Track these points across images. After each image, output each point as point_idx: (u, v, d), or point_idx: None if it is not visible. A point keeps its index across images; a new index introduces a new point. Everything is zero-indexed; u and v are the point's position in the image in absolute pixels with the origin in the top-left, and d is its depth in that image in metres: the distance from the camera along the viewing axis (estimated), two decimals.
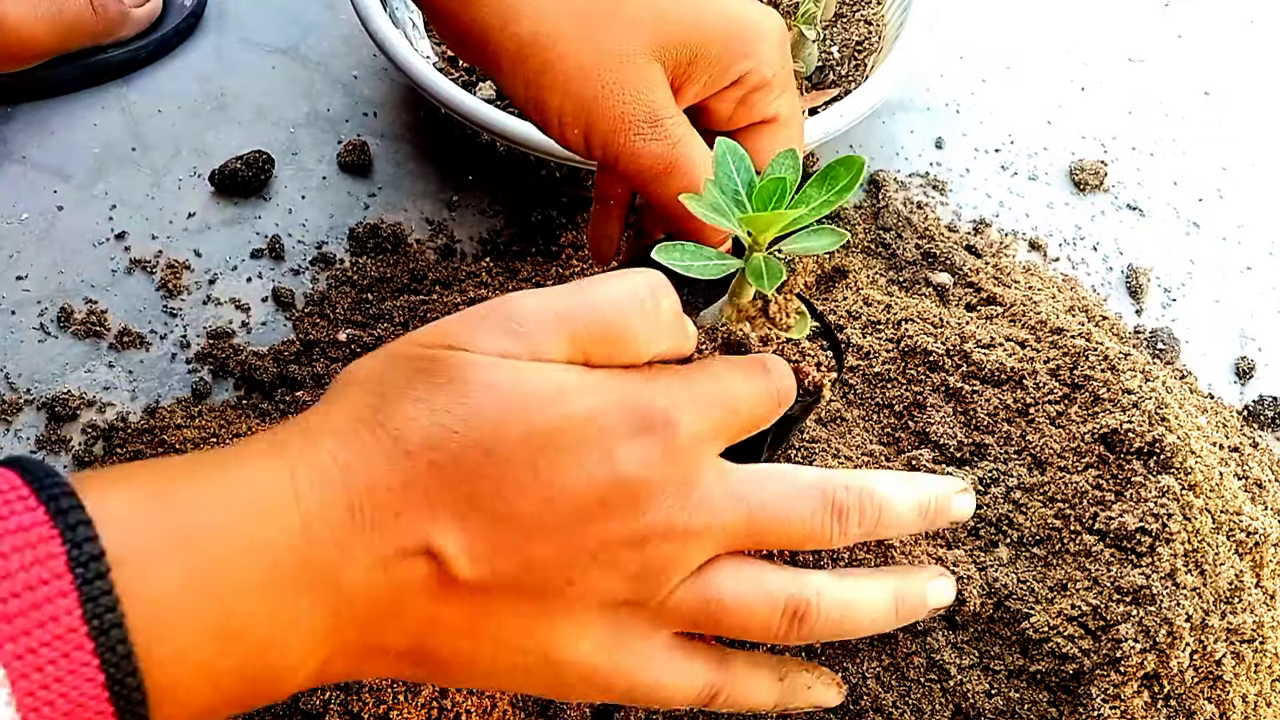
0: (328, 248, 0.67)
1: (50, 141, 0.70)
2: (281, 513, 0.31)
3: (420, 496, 0.32)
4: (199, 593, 0.29)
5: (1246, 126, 0.80)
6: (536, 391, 0.33)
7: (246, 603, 0.30)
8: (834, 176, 0.37)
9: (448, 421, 0.32)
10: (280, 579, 0.30)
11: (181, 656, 0.29)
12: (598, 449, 0.33)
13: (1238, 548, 0.51)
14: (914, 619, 0.39)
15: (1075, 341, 0.57)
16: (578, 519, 0.33)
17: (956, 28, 0.83)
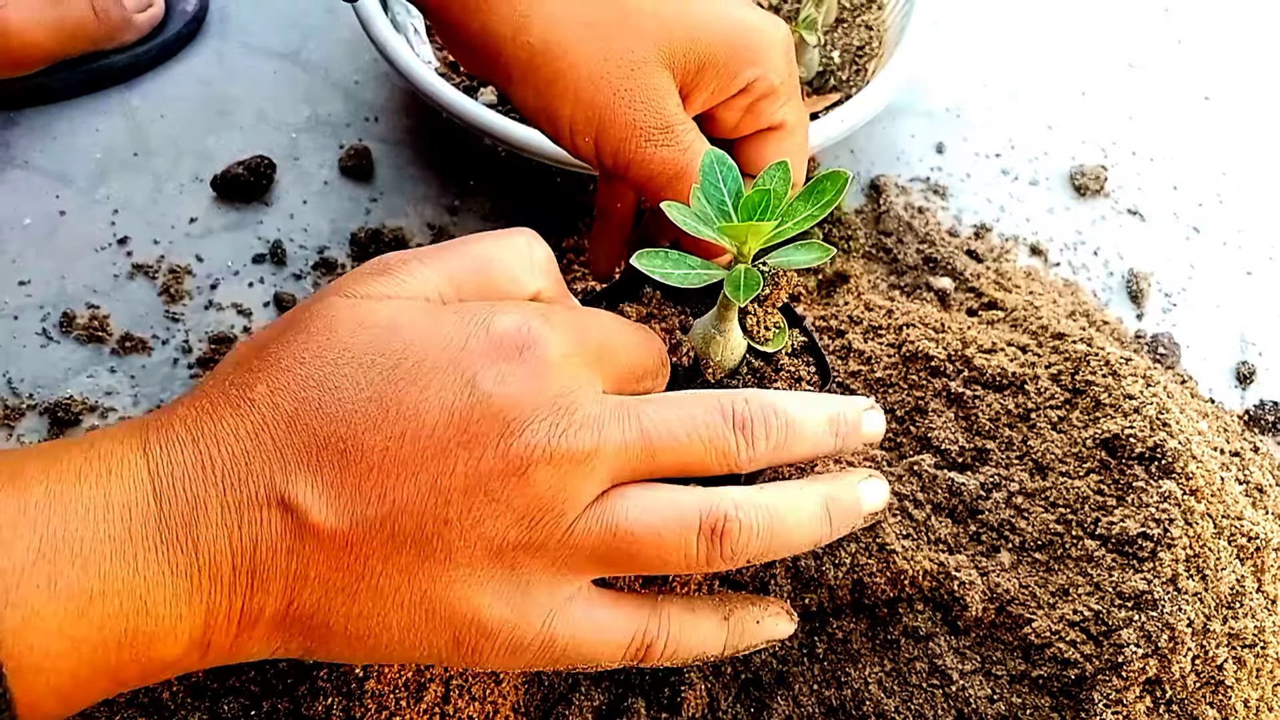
0: (329, 252, 0.67)
1: (53, 146, 0.70)
2: (132, 475, 0.30)
3: (268, 444, 0.31)
4: (51, 557, 0.29)
5: (1246, 131, 0.80)
6: (382, 318, 0.32)
7: (101, 564, 0.29)
8: (820, 190, 0.37)
9: (291, 364, 0.31)
10: (135, 539, 0.30)
11: (35, 619, 0.28)
12: (453, 373, 0.31)
13: (1239, 553, 0.52)
14: (850, 526, 0.37)
15: (1076, 346, 0.57)
16: (439, 450, 0.31)
17: (957, 33, 0.83)
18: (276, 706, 0.48)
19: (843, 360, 0.59)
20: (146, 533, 0.30)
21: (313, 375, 0.31)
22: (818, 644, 0.51)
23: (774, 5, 0.75)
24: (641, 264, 0.36)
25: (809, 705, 0.50)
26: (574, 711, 0.48)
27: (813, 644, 0.51)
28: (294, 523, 0.31)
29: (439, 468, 0.31)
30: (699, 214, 0.38)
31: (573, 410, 0.32)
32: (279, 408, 0.31)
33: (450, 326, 0.32)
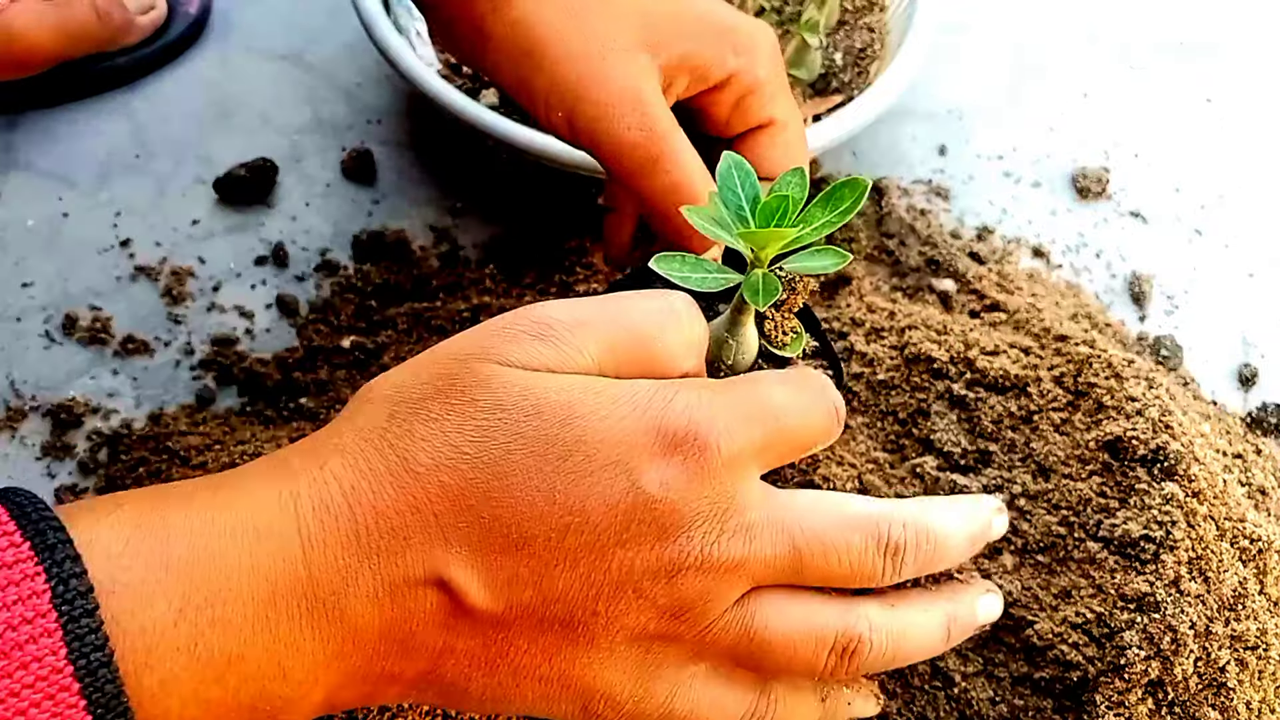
0: (331, 255, 0.67)
1: (55, 149, 0.70)
2: (281, 537, 0.30)
3: (430, 521, 0.30)
4: (192, 620, 0.28)
5: (1248, 134, 0.80)
6: (555, 405, 0.31)
7: (242, 630, 0.29)
8: (839, 198, 0.37)
9: (458, 441, 0.31)
10: (280, 605, 0.29)
11: (173, 683, 0.28)
12: (620, 470, 0.31)
13: (1241, 555, 0.51)
14: (963, 639, 0.38)
15: (1079, 349, 0.57)
16: (599, 547, 0.31)
17: (959, 35, 0.83)
18: None
19: (845, 362, 0.59)
20: (292, 600, 0.30)
21: (482, 458, 0.31)
22: None
23: (775, 7, 0.75)
24: (660, 267, 0.37)
25: None
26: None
27: None
28: (449, 602, 0.31)
29: (596, 563, 0.31)
30: (717, 219, 0.37)
31: (728, 518, 0.32)
32: (445, 486, 0.30)
33: (621, 419, 0.31)
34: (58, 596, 0.26)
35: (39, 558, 0.27)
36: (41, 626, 0.26)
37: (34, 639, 0.26)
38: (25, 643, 0.26)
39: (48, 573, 0.26)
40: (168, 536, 0.29)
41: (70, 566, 0.27)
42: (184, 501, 0.30)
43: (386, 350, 0.62)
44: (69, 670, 0.26)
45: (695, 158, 0.45)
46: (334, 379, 0.61)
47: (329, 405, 0.60)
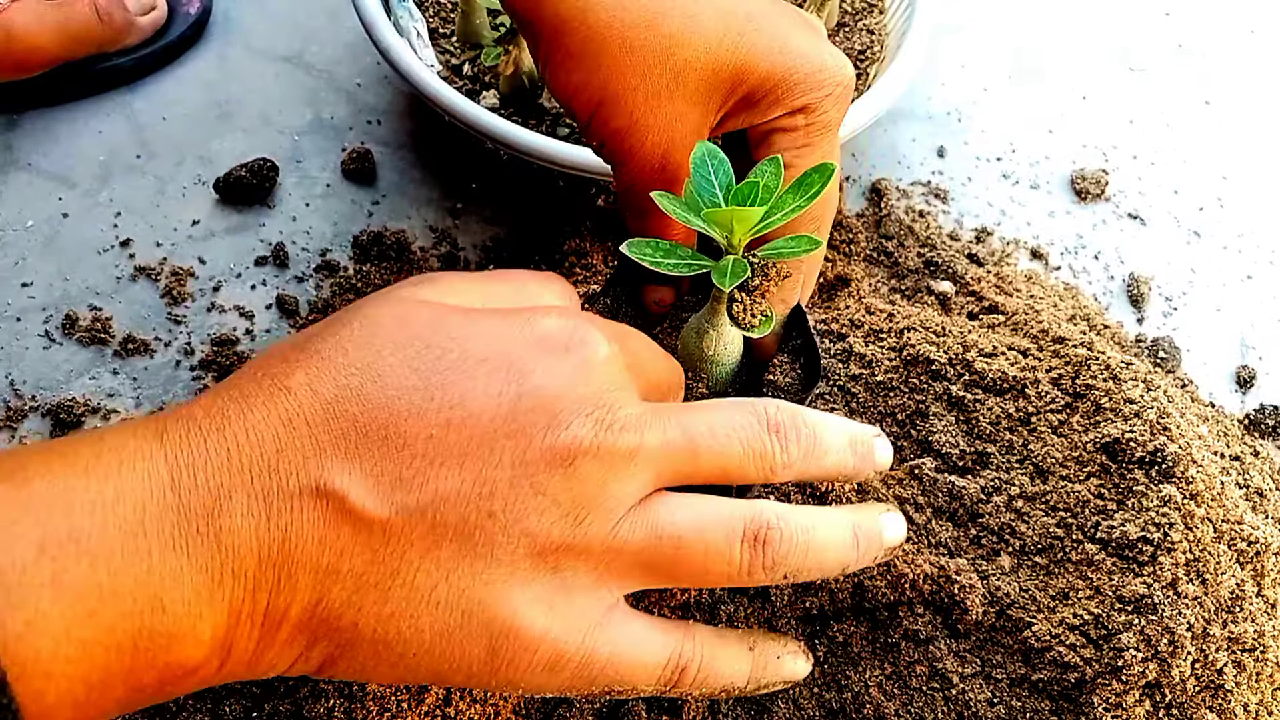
0: (331, 255, 0.67)
1: (56, 149, 0.70)
2: (146, 465, 0.28)
3: (304, 431, 0.29)
4: (55, 554, 0.27)
5: (1247, 135, 0.80)
6: (426, 317, 0.31)
7: (111, 560, 0.27)
8: (808, 183, 0.38)
9: (331, 354, 0.30)
10: (150, 531, 0.28)
11: (41, 621, 0.26)
12: (500, 363, 0.31)
13: (1239, 557, 0.52)
14: (873, 557, 0.37)
15: (1077, 351, 0.57)
16: (486, 439, 0.30)
17: (958, 37, 0.83)
18: (278, 708, 0.48)
19: (844, 364, 0.59)
20: (163, 526, 0.28)
21: (355, 363, 0.30)
22: (818, 647, 0.51)
23: None
24: (631, 252, 0.37)
25: (809, 708, 0.50)
26: (574, 714, 0.48)
27: (813, 647, 0.51)
28: (329, 511, 0.29)
29: (485, 457, 0.30)
30: (687, 202, 0.38)
31: (617, 408, 0.31)
32: (317, 394, 0.30)
33: (496, 324, 0.32)
34: None
35: None
36: None
37: None
38: None
39: None
40: (26, 479, 0.28)
41: None
42: (45, 450, 0.29)
43: None
44: None
45: None
46: None
47: None
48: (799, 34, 0.44)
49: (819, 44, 0.44)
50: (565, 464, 0.30)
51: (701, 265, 0.38)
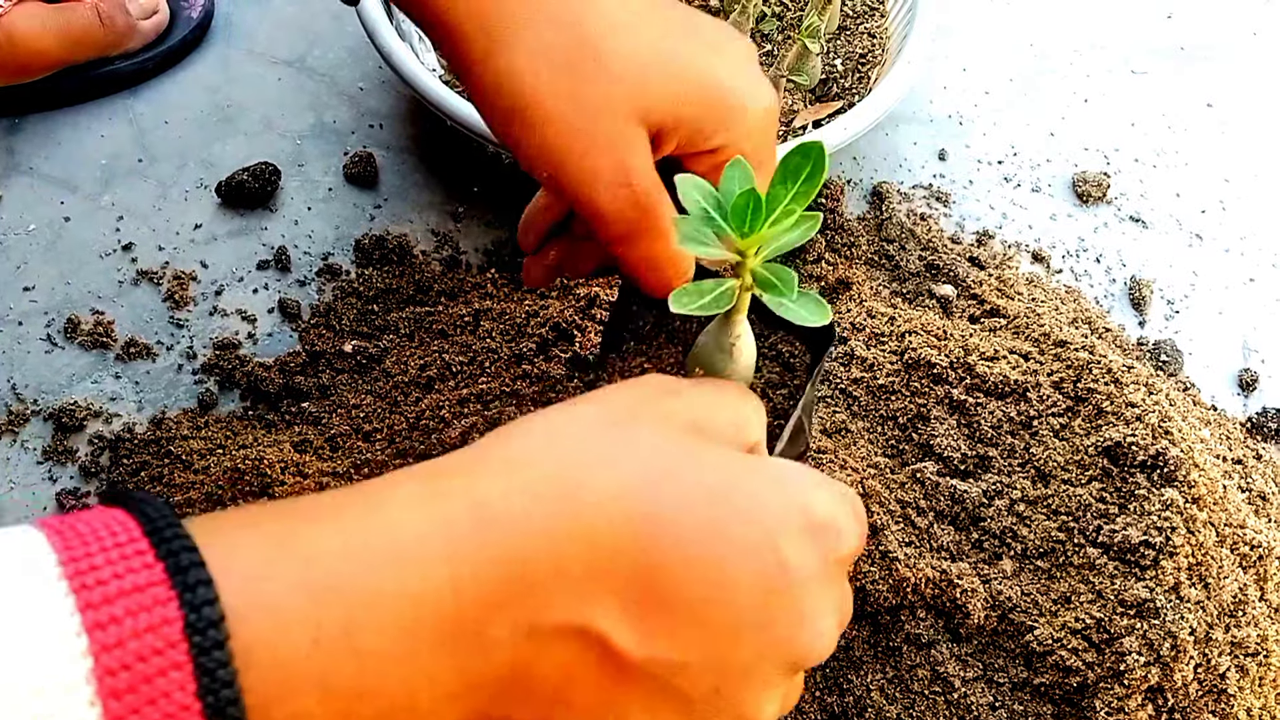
0: (333, 259, 0.67)
1: (58, 153, 0.70)
2: (429, 564, 0.28)
3: (590, 565, 0.30)
4: (328, 650, 0.27)
5: (1249, 138, 0.80)
6: (717, 464, 0.32)
7: (381, 662, 0.28)
8: (794, 167, 0.37)
9: (632, 490, 0.31)
10: (422, 633, 0.28)
11: (303, 718, 0.27)
12: (769, 548, 0.32)
13: (1241, 561, 0.52)
14: None
15: (1078, 354, 0.57)
16: (736, 625, 0.31)
17: (959, 40, 0.83)
18: None
19: (845, 367, 0.59)
20: (437, 628, 0.28)
21: (652, 499, 0.30)
22: None
23: (777, 13, 0.75)
24: (680, 308, 0.37)
25: (811, 712, 0.50)
26: None
27: None
28: (585, 648, 0.30)
29: (730, 639, 0.31)
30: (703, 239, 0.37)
31: (842, 609, 0.34)
32: (612, 525, 0.30)
33: (775, 496, 0.32)
34: (189, 626, 0.25)
35: (172, 582, 0.25)
36: (171, 659, 0.25)
37: (163, 672, 0.25)
38: (154, 675, 0.25)
39: (180, 599, 0.25)
40: (309, 558, 0.28)
41: (203, 593, 0.25)
42: (322, 518, 0.29)
43: (388, 354, 0.62)
44: (196, 707, 0.25)
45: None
46: (336, 383, 0.61)
47: (331, 409, 0.60)
48: (716, 69, 0.44)
49: (735, 78, 0.44)
50: (793, 670, 0.33)
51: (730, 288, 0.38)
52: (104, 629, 0.24)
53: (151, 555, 0.26)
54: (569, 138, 0.42)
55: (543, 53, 0.42)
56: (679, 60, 0.43)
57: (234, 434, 0.59)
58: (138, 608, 0.25)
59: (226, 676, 0.25)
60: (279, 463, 0.55)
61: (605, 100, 0.42)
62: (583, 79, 0.42)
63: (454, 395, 0.58)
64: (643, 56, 0.43)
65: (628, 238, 0.43)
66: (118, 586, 0.25)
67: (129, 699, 0.24)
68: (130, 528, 0.26)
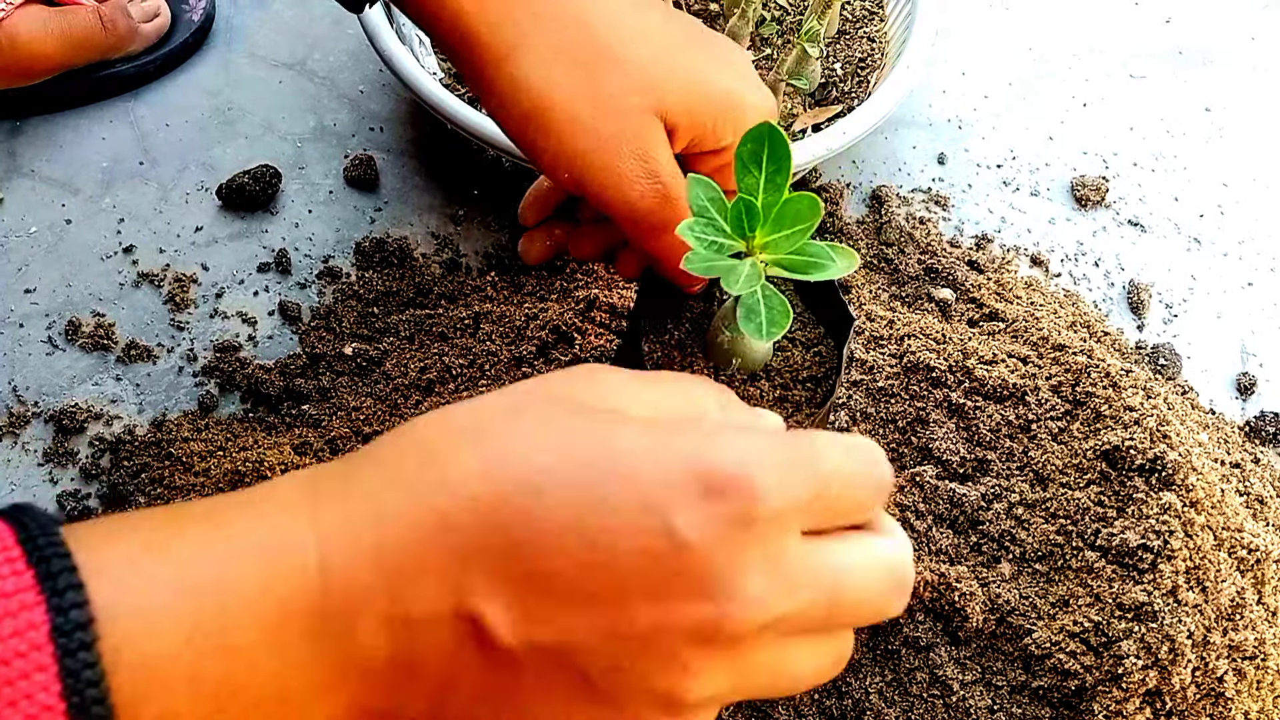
0: (334, 262, 0.67)
1: (59, 155, 0.70)
2: (298, 552, 0.29)
3: (456, 543, 0.29)
4: (198, 648, 0.27)
5: (1247, 143, 0.80)
6: (594, 436, 0.30)
7: (250, 655, 0.28)
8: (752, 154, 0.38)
9: (499, 453, 0.29)
10: (290, 626, 0.28)
11: (172, 717, 0.27)
12: (653, 514, 0.28)
13: (1239, 565, 0.52)
14: None
15: (1077, 358, 0.58)
16: (624, 595, 0.28)
17: (958, 44, 0.84)
18: None
19: (844, 371, 0.60)
20: (304, 622, 0.28)
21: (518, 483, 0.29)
22: None
23: (776, 17, 0.75)
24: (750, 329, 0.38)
25: (810, 715, 0.50)
26: None
27: None
28: (462, 631, 0.29)
29: (619, 614, 0.29)
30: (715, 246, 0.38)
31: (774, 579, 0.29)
32: (477, 502, 0.29)
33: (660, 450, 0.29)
34: (56, 629, 0.25)
35: (41, 587, 0.26)
36: (36, 661, 0.25)
37: (26, 674, 0.25)
38: (17, 678, 0.25)
39: (48, 604, 0.26)
40: (181, 559, 0.28)
41: (72, 596, 0.26)
42: (198, 519, 0.29)
43: (389, 357, 0.62)
44: (61, 708, 0.25)
45: None
46: (336, 386, 0.61)
47: (331, 412, 0.60)
48: (722, 74, 0.45)
49: (740, 82, 0.46)
50: (705, 642, 0.29)
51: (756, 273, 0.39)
52: None
53: (22, 562, 0.26)
54: (591, 138, 0.43)
55: (557, 56, 0.43)
56: (688, 65, 0.45)
57: (234, 436, 0.59)
58: (3, 613, 0.25)
59: (92, 677, 0.26)
60: (279, 465, 0.55)
61: (624, 99, 0.43)
62: (600, 79, 0.43)
63: (454, 398, 0.58)
64: (655, 60, 0.44)
65: (657, 230, 0.44)
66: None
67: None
68: (4, 536, 0.27)
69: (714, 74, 0.45)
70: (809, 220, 0.37)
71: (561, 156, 0.43)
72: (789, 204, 0.38)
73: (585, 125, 0.42)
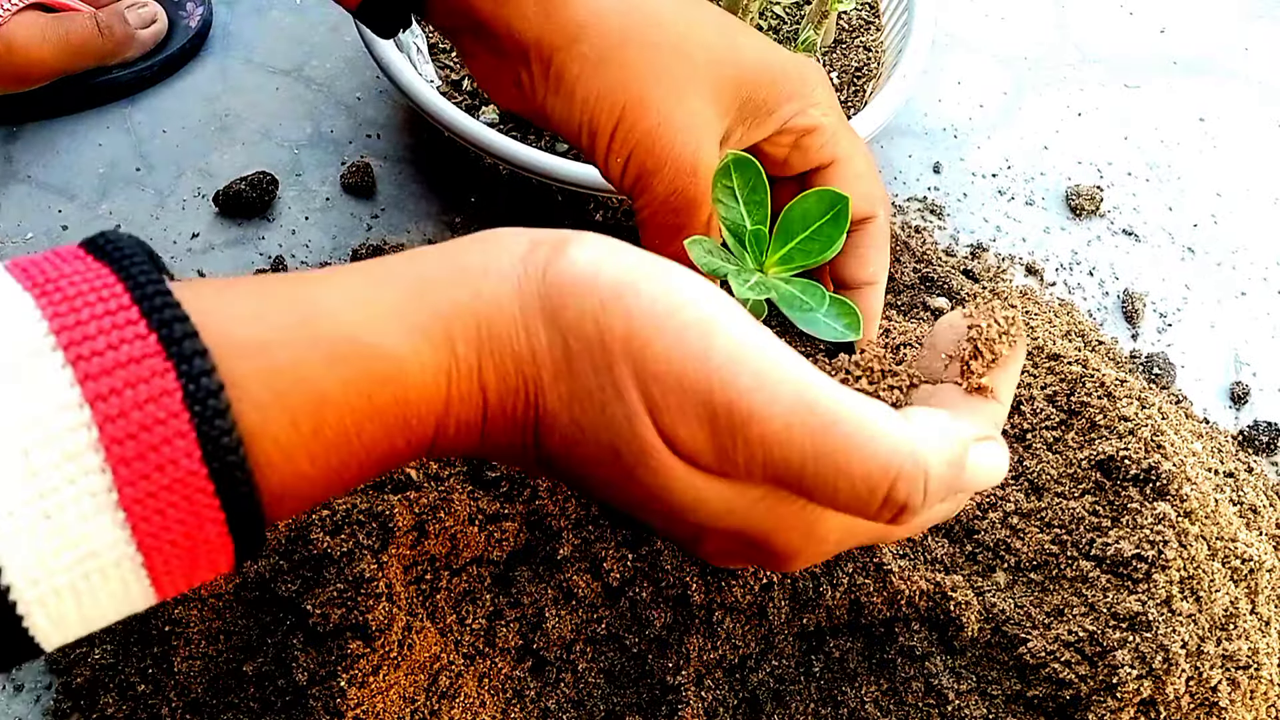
0: None
1: (56, 161, 0.70)
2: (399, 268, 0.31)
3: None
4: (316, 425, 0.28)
5: (1241, 153, 0.81)
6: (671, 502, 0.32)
7: (355, 330, 0.29)
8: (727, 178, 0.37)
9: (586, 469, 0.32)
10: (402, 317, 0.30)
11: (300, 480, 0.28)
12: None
13: (1233, 574, 0.52)
14: None
15: (1072, 368, 0.58)
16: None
17: (954, 54, 0.84)
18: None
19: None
20: (408, 315, 0.30)
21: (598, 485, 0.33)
22: (814, 663, 0.51)
23: (773, 27, 0.76)
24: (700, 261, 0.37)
25: None
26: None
27: (809, 663, 0.51)
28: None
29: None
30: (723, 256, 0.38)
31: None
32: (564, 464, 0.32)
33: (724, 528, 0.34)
34: (189, 396, 0.26)
35: (166, 352, 0.26)
36: (175, 428, 0.25)
37: (169, 440, 0.25)
38: (160, 444, 0.25)
39: (176, 370, 0.26)
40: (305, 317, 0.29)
41: (199, 364, 0.26)
42: (318, 283, 0.30)
43: None
44: (203, 472, 0.26)
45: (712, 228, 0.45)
46: None
47: None
48: (768, 47, 0.47)
49: (784, 53, 0.47)
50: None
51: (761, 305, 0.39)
52: (105, 400, 0.25)
53: (144, 325, 0.26)
54: (653, 125, 0.43)
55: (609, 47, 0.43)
56: (742, 45, 0.45)
57: None
58: (135, 379, 0.25)
59: (231, 444, 0.26)
60: None
61: (685, 81, 0.43)
62: (669, 61, 0.43)
63: None
64: (712, 42, 0.44)
65: (672, 232, 0.45)
66: (114, 358, 0.25)
67: (138, 465, 0.25)
68: (118, 293, 0.26)
69: (761, 49, 0.46)
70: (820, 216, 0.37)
71: (622, 139, 0.43)
72: (794, 208, 0.37)
73: (652, 109, 0.43)
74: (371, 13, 0.48)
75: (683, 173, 0.43)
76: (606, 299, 0.31)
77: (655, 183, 0.44)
